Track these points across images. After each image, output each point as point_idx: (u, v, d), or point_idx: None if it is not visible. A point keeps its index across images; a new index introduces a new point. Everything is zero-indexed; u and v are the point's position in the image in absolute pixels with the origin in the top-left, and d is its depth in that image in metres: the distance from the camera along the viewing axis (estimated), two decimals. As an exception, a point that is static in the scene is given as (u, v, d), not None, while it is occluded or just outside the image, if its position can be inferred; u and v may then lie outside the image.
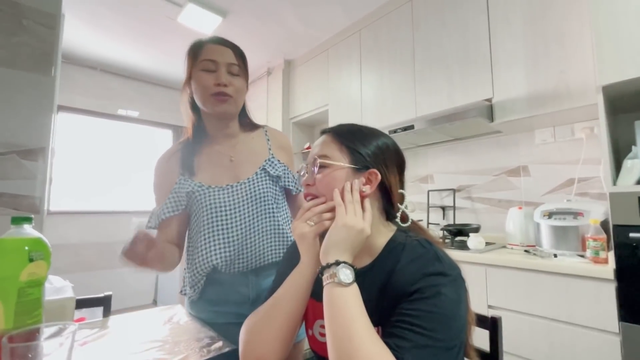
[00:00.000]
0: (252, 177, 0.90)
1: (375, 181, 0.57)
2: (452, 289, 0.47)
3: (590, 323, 1.12)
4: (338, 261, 0.49)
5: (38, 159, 1.28)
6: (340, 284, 0.47)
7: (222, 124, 0.91)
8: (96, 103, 3.34)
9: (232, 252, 0.85)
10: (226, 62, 0.85)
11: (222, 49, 0.86)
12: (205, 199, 0.85)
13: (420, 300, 0.46)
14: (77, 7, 2.34)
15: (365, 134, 0.61)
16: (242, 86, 0.88)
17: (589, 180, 1.57)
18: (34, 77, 1.27)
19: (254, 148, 0.95)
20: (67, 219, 3.13)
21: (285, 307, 0.57)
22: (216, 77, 0.83)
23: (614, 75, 1.14)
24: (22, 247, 0.51)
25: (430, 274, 0.48)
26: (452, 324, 0.45)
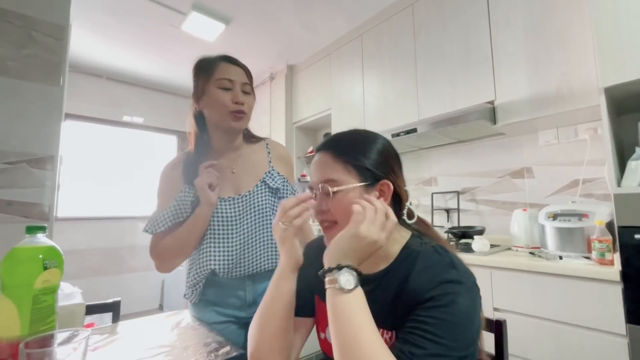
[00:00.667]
0: (253, 189, 0.94)
1: (388, 192, 0.56)
2: (467, 297, 0.47)
3: (596, 325, 1.11)
4: (340, 265, 0.48)
5: (47, 167, 1.31)
6: (342, 290, 0.46)
7: (229, 137, 0.94)
8: (102, 110, 3.39)
9: (231, 259, 0.90)
10: (241, 82, 0.90)
11: (236, 69, 0.92)
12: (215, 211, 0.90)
13: (435, 308, 0.45)
14: (82, 16, 2.39)
15: (364, 142, 0.59)
16: (252, 103, 0.94)
17: (594, 182, 1.57)
18: (43, 87, 1.30)
19: (254, 160, 0.99)
20: (74, 225, 3.17)
21: (274, 309, 0.59)
22: (234, 95, 0.88)
23: (616, 76, 1.14)
24: (36, 255, 0.53)
25: (445, 282, 0.47)
26: (466, 333, 0.45)
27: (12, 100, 1.22)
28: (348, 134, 0.62)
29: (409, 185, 0.64)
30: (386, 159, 0.58)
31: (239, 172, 0.95)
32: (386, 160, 0.58)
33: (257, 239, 0.92)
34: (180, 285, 2.86)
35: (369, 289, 0.56)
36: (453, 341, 0.43)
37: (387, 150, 0.60)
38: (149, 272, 3.53)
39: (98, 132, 3.42)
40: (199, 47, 2.82)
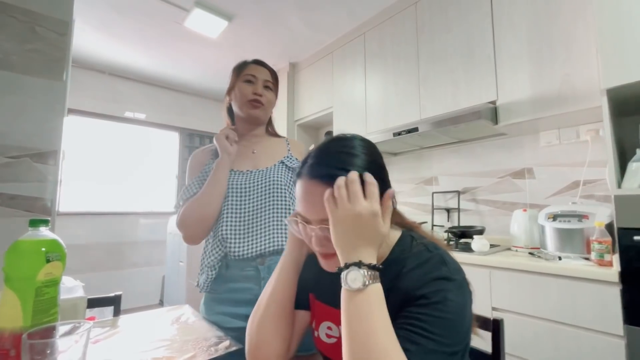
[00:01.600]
0: (270, 166, 1.01)
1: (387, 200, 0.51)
2: (458, 293, 0.47)
3: (594, 326, 1.12)
4: (347, 263, 0.46)
5: (49, 162, 1.32)
6: (350, 290, 0.44)
7: (251, 127, 1.06)
8: (104, 106, 3.40)
9: (243, 228, 0.94)
10: (263, 79, 1.03)
11: (262, 69, 1.04)
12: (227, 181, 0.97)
13: (427, 305, 0.45)
14: (86, 12, 2.39)
15: (346, 157, 0.52)
16: (272, 99, 1.06)
17: (595, 183, 1.57)
18: (46, 82, 1.31)
19: (274, 149, 1.08)
20: (76, 219, 3.19)
21: (274, 297, 0.61)
22: (254, 88, 1.01)
23: (618, 78, 1.14)
24: (39, 248, 0.54)
25: (436, 279, 0.48)
26: (458, 329, 0.45)
27: (15, 95, 1.23)
28: (325, 153, 0.54)
29: (409, 184, 0.63)
30: (377, 171, 0.52)
31: (259, 153, 1.05)
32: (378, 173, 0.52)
33: (270, 208, 0.96)
34: (181, 281, 2.88)
35: None
36: (446, 337, 0.44)
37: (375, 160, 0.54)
38: (149, 267, 3.55)
39: (100, 127, 3.43)
40: (201, 43, 2.82)
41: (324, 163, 0.52)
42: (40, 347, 0.46)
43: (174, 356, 0.68)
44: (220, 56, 3.07)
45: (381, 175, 0.53)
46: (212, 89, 3.93)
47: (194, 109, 4.06)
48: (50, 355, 0.47)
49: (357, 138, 0.56)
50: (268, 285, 0.63)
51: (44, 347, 0.46)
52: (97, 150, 3.40)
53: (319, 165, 0.52)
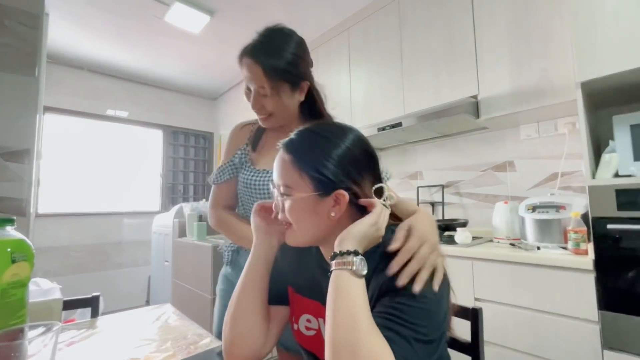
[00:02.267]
0: None
1: (343, 201, 0.53)
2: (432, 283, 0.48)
3: (571, 312, 1.15)
4: (357, 251, 0.49)
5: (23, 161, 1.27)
6: (355, 273, 0.47)
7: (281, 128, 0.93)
8: (84, 103, 3.30)
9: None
10: (257, 86, 0.84)
11: (253, 67, 0.83)
12: (242, 177, 0.92)
13: (403, 296, 0.47)
14: (62, 6, 2.31)
15: (324, 147, 0.55)
16: (276, 103, 0.86)
17: (572, 174, 1.61)
18: (17, 78, 1.26)
19: None
20: (57, 221, 3.10)
21: (247, 293, 0.61)
22: (252, 100, 0.87)
23: (592, 71, 1.17)
24: (4, 248, 0.52)
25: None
26: (434, 319, 0.46)
27: (-17, 91, 1.18)
28: (310, 135, 0.57)
29: (395, 179, 0.63)
30: (347, 165, 0.54)
31: None
32: (347, 167, 0.54)
33: None
34: (167, 280, 2.84)
35: None
36: (421, 326, 0.44)
37: (351, 155, 0.55)
38: (135, 268, 3.48)
39: (81, 126, 3.33)
40: (183, 39, 2.76)
41: (302, 145, 0.57)
42: (4, 350, 0.44)
43: (153, 356, 0.67)
44: (203, 52, 3.01)
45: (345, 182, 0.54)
46: (195, 85, 3.86)
47: (178, 106, 3.99)
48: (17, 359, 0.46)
49: (348, 138, 0.56)
50: (239, 281, 0.63)
51: (8, 351, 0.45)
52: (79, 150, 3.30)
53: (297, 145, 0.57)
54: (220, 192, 0.97)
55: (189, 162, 4.15)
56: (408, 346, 0.43)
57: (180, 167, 4.04)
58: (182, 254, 2.57)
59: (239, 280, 0.63)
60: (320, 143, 0.55)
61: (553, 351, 1.18)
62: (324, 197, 0.53)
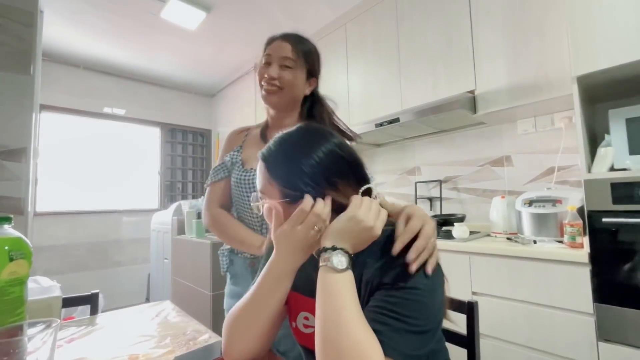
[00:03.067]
0: None
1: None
2: (425, 275, 0.49)
3: (567, 305, 1.17)
4: (334, 247, 0.49)
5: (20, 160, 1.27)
6: (334, 269, 0.48)
7: (279, 115, 0.95)
8: (81, 102, 3.28)
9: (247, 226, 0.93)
10: (279, 56, 0.88)
11: (280, 43, 0.89)
12: (234, 177, 0.93)
13: (396, 289, 0.47)
14: (57, 3, 2.29)
15: (297, 154, 0.55)
16: (294, 77, 0.89)
17: (568, 169, 1.62)
18: (12, 76, 1.25)
19: None
20: (56, 219, 3.10)
21: (265, 306, 0.57)
22: (267, 69, 0.88)
23: (588, 65, 1.17)
24: (1, 247, 0.52)
25: (403, 263, 0.49)
26: (427, 310, 0.47)
27: (-21, 90, 1.17)
28: (283, 143, 0.58)
29: (393, 175, 0.63)
30: (318, 174, 0.54)
31: None
32: (317, 175, 0.54)
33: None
34: (166, 278, 2.85)
35: None
36: (415, 318, 0.45)
37: (324, 164, 0.55)
38: (134, 266, 3.49)
39: (78, 124, 3.32)
40: (180, 35, 2.75)
41: (275, 156, 0.57)
42: (4, 347, 0.45)
43: (151, 352, 0.68)
44: (199, 48, 3.00)
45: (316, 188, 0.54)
46: (193, 82, 3.84)
47: (175, 103, 3.97)
48: (17, 355, 0.46)
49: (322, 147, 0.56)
50: (258, 293, 0.58)
51: (8, 347, 0.45)
52: (76, 148, 3.29)
53: (271, 155, 0.57)
54: (214, 191, 0.97)
55: (187, 160, 4.14)
56: (400, 338, 0.44)
57: (178, 165, 4.04)
58: (181, 252, 2.57)
59: (263, 287, 0.58)
60: (293, 152, 0.56)
61: (549, 344, 1.20)
62: (292, 204, 0.54)
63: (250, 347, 0.58)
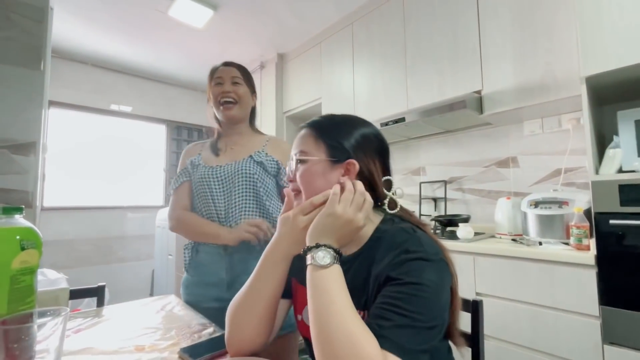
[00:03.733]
0: (239, 160, 1.04)
1: (353, 171, 0.57)
2: (433, 272, 0.48)
3: (572, 307, 1.16)
4: (318, 244, 0.51)
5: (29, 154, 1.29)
6: (320, 266, 0.49)
7: (233, 126, 1.11)
8: (88, 98, 3.31)
9: (211, 217, 1.00)
10: (230, 76, 1.07)
11: (228, 69, 1.08)
12: (198, 172, 1.04)
13: (402, 285, 0.47)
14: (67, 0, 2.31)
15: (342, 124, 0.61)
16: (244, 93, 1.08)
17: (575, 171, 1.61)
18: (23, 71, 1.27)
19: (252, 145, 1.10)
20: (62, 214, 3.13)
21: (261, 288, 0.59)
22: (222, 87, 1.05)
23: (597, 66, 1.16)
24: (13, 236, 0.53)
25: (412, 259, 0.49)
26: (432, 307, 0.46)
27: (-10, 85, 1.19)
28: (333, 115, 0.64)
29: (397, 175, 0.65)
30: (359, 143, 0.59)
31: (237, 149, 1.09)
32: (359, 144, 0.59)
33: (239, 202, 1.00)
34: (170, 274, 2.87)
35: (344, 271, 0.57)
36: (419, 314, 0.45)
37: (367, 137, 0.61)
38: (138, 262, 3.52)
39: (85, 120, 3.35)
40: (187, 33, 2.76)
41: (323, 120, 0.63)
42: (15, 333, 0.46)
43: (157, 343, 0.68)
44: (206, 47, 3.01)
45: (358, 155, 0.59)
46: (199, 80, 3.86)
47: (181, 101, 3.99)
48: (26, 342, 0.47)
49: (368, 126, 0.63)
50: (253, 278, 0.60)
51: (19, 334, 0.46)
52: (83, 144, 3.32)
53: (318, 120, 0.63)
54: (177, 197, 1.08)
55: (192, 157, 4.16)
56: (402, 333, 0.44)
57: (183, 162, 4.06)
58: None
59: (254, 278, 0.60)
60: (339, 122, 0.62)
61: (553, 346, 1.19)
62: (336, 164, 0.58)
63: (252, 336, 0.59)
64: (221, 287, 0.97)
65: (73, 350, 0.65)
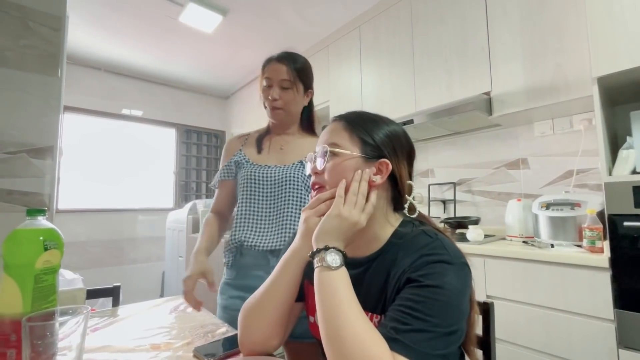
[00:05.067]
0: (290, 165, 1.01)
1: (386, 171, 0.56)
2: (454, 276, 0.47)
3: (586, 311, 1.14)
4: (327, 246, 0.51)
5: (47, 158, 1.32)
6: (329, 268, 0.49)
7: (279, 125, 1.07)
8: (100, 103, 3.39)
9: (256, 220, 0.97)
10: (279, 79, 0.99)
11: (278, 66, 1.00)
12: (247, 173, 1.00)
13: (422, 287, 0.46)
14: (80, 7, 2.38)
15: (376, 121, 0.60)
16: (291, 98, 1.01)
17: (588, 172, 1.58)
18: (41, 78, 1.31)
19: (305, 147, 1.05)
20: (75, 217, 3.20)
21: (276, 292, 0.60)
22: (270, 92, 1.00)
23: (609, 66, 1.15)
24: (37, 237, 0.55)
25: (434, 262, 0.48)
26: (452, 312, 0.45)
27: (10, 91, 1.23)
28: (365, 112, 0.63)
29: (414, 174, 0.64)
30: (393, 142, 0.59)
31: (287, 150, 1.05)
32: (392, 143, 0.59)
33: (283, 207, 0.97)
34: (181, 276, 2.90)
35: (359, 272, 0.57)
36: (438, 318, 0.43)
37: (397, 137, 0.60)
38: (149, 263, 3.57)
39: (97, 124, 3.43)
40: (197, 38, 2.81)
41: (356, 115, 0.62)
42: (39, 330, 0.47)
43: (172, 342, 0.70)
44: (215, 51, 3.06)
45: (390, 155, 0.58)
46: (208, 84, 3.92)
47: (191, 105, 4.05)
48: (50, 339, 0.49)
49: (398, 126, 0.62)
50: (269, 282, 0.61)
51: (43, 330, 0.48)
52: (95, 148, 3.40)
53: (351, 114, 0.62)
54: (218, 194, 1.07)
55: (202, 160, 4.22)
56: (419, 338, 0.42)
57: (193, 165, 4.12)
58: (195, 250, 2.62)
59: (270, 282, 0.61)
60: (373, 119, 0.61)
61: (566, 349, 1.17)
62: (368, 161, 0.57)
63: (263, 339, 0.59)
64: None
65: (92, 347, 0.67)
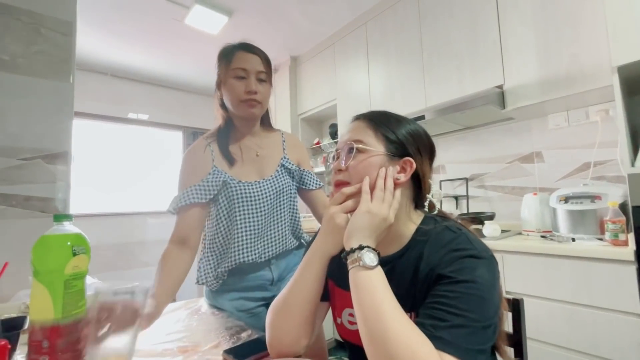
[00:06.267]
0: (274, 174, 0.98)
1: (410, 169, 0.56)
2: (486, 270, 0.47)
3: (611, 305, 1.12)
4: (362, 245, 0.50)
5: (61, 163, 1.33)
6: (366, 267, 0.48)
7: (248, 123, 0.98)
8: (108, 108, 3.41)
9: (257, 242, 0.92)
10: (255, 70, 0.91)
11: (252, 57, 0.92)
12: (237, 193, 0.91)
13: (455, 283, 0.46)
14: (86, 13, 2.38)
15: (399, 120, 0.61)
16: (268, 91, 0.95)
17: (606, 164, 1.55)
18: (53, 84, 1.31)
19: (273, 148, 1.03)
20: (85, 221, 3.22)
21: (301, 291, 0.59)
22: (247, 85, 0.90)
23: (629, 55, 1.12)
24: (65, 242, 0.54)
25: (463, 257, 0.48)
26: (487, 305, 0.45)
27: (24, 98, 1.23)
28: (387, 111, 0.64)
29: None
30: (416, 141, 0.59)
31: (262, 155, 0.99)
32: (415, 142, 0.59)
33: (280, 218, 0.97)
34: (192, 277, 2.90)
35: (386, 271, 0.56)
36: (475, 313, 0.43)
37: (420, 135, 0.61)
38: (160, 266, 3.58)
39: (104, 129, 3.44)
40: (202, 40, 2.81)
41: (379, 113, 0.62)
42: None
43: (198, 344, 0.69)
44: (221, 53, 3.05)
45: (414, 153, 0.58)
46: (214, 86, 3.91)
47: (197, 107, 4.06)
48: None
49: (419, 125, 0.62)
50: (293, 281, 0.60)
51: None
52: (103, 152, 3.41)
53: (374, 112, 0.63)
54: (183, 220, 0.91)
55: (208, 162, 4.22)
56: (460, 334, 0.42)
57: (200, 167, 4.12)
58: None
59: (294, 281, 0.60)
60: (395, 117, 0.62)
61: (591, 345, 1.15)
62: (392, 159, 0.57)
63: (292, 340, 0.59)
64: (266, 287, 0.96)
65: (119, 352, 0.66)
